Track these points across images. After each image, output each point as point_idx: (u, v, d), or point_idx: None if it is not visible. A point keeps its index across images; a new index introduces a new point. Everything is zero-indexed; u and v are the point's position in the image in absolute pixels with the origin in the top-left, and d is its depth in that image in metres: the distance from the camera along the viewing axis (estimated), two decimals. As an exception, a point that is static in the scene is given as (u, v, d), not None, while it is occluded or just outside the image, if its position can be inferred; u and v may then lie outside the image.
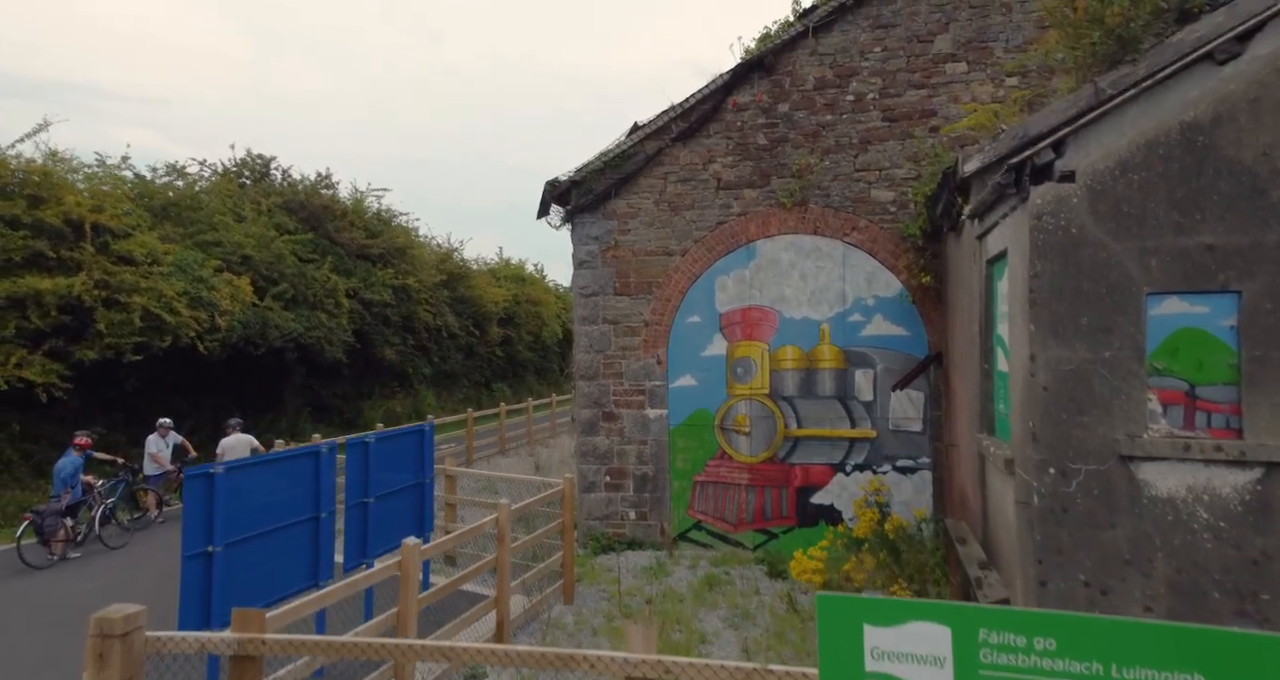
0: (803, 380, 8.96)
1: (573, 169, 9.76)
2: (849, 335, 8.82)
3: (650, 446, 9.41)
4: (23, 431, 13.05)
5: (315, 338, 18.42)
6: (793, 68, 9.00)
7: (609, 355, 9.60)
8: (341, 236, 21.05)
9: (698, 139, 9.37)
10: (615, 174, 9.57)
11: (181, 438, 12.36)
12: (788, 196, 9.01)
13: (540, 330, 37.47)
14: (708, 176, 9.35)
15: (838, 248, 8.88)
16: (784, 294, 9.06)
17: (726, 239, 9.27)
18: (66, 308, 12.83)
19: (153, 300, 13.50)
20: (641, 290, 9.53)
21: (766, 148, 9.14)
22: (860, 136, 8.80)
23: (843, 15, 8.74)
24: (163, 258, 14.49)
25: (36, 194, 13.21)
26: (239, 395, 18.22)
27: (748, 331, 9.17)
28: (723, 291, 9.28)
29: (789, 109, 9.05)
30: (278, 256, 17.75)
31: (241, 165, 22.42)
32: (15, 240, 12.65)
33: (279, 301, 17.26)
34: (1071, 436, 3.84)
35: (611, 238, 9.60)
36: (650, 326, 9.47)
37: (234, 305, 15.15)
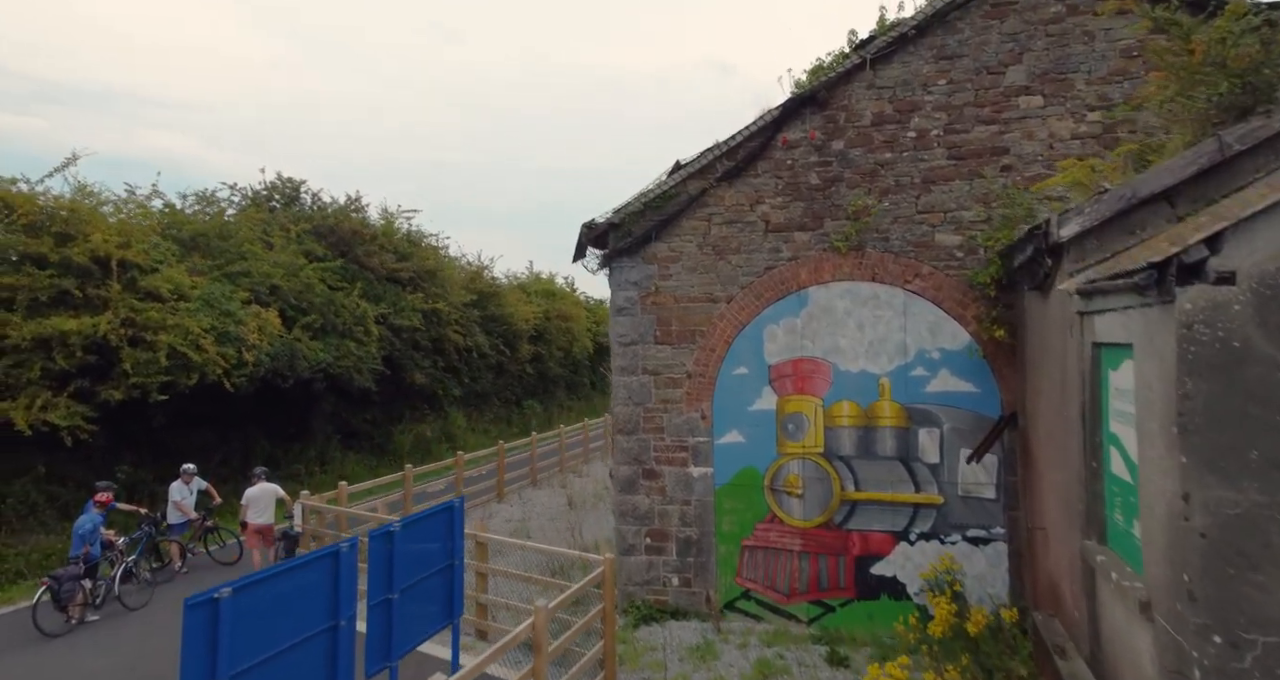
0: (861, 439, 8.26)
1: (610, 210, 9.19)
2: (912, 391, 8.09)
3: (694, 507, 8.77)
4: (48, 473, 12.84)
5: (344, 367, 18.10)
6: (848, 102, 8.33)
7: (649, 408, 8.99)
8: (371, 261, 20.77)
9: (745, 178, 8.74)
10: (656, 216, 8.98)
11: (206, 483, 12.03)
12: (843, 240, 8.33)
13: (571, 345, 37.07)
14: (755, 218, 8.71)
15: (898, 296, 8.17)
16: (839, 345, 8.37)
17: (776, 285, 8.61)
18: (92, 347, 12.59)
19: (178, 338, 13.22)
20: (684, 339, 8.91)
21: (819, 188, 8.47)
22: (923, 176, 8.09)
23: (903, 46, 8.05)
24: (189, 292, 14.23)
25: (64, 231, 13.02)
26: (267, 426, 17.97)
27: (799, 385, 8.50)
28: (772, 341, 8.62)
29: (844, 146, 8.38)
30: (306, 285, 17.47)
31: (272, 189, 22.30)
32: (42, 279, 12.46)
33: (307, 331, 16.96)
34: (1243, 598, 3.13)
35: (652, 283, 9.00)
36: (694, 378, 8.84)
37: (261, 339, 14.84)
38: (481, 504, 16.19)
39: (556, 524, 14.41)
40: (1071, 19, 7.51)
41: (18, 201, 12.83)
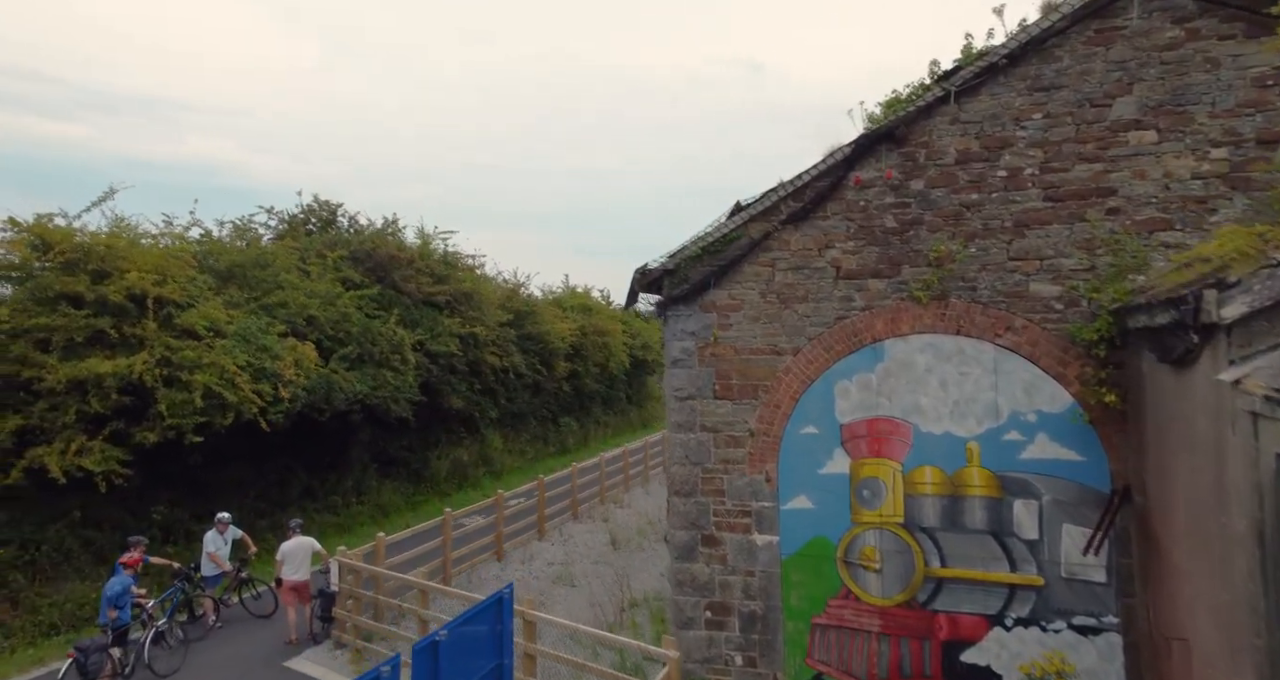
0: (946, 509, 7.46)
1: (665, 254, 8.54)
2: (1004, 457, 7.28)
3: (759, 579, 8.04)
4: (84, 517, 12.56)
5: (381, 397, 17.71)
6: (929, 138, 7.56)
7: (708, 469, 8.30)
8: (408, 285, 20.42)
9: (812, 221, 8.01)
10: (714, 261, 8.30)
11: (241, 533, 11.63)
12: (923, 289, 7.55)
13: (607, 360, 36.55)
14: (824, 264, 7.97)
15: (987, 351, 7.37)
16: (919, 404, 7.59)
17: (848, 337, 7.87)
18: (127, 388, 12.29)
19: (214, 377, 12.88)
20: (746, 394, 8.20)
21: (896, 231, 7.71)
22: (1015, 219, 7.28)
23: (992, 77, 7.26)
24: (225, 327, 13.92)
25: (101, 268, 12.78)
26: (304, 457, 17.66)
27: (875, 447, 7.73)
28: (844, 398, 7.87)
29: (924, 186, 7.61)
30: (343, 315, 17.13)
31: (309, 212, 22.14)
32: (79, 320, 12.21)
33: (344, 362, 16.60)
34: None
35: (710, 333, 8.31)
36: (757, 437, 8.12)
37: (298, 375, 14.47)
38: (522, 543, 15.62)
39: (601, 569, 13.77)
40: (1191, 44, 6.66)
41: (55, 238, 12.62)
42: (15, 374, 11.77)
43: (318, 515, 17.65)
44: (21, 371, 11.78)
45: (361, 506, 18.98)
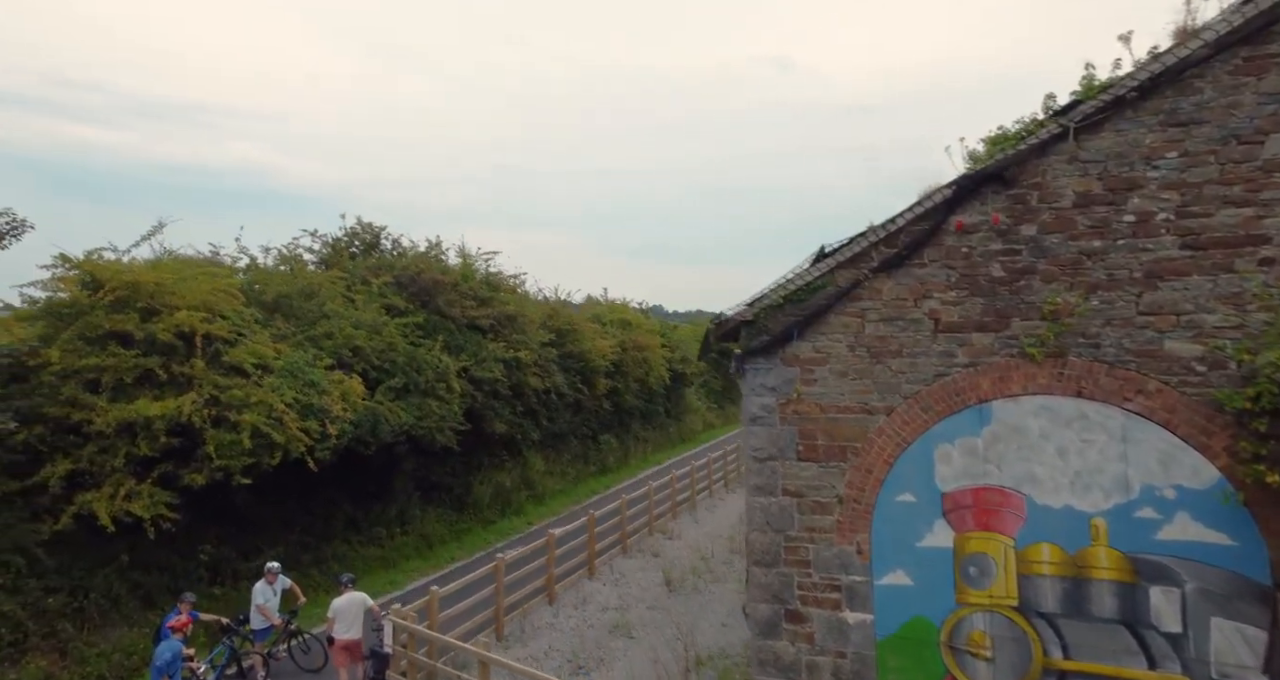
0: (1068, 593, 6.67)
1: (743, 302, 7.91)
2: (1138, 537, 6.47)
3: (851, 661, 7.33)
4: (131, 560, 12.31)
5: (426, 428, 17.33)
6: (1042, 179, 6.82)
7: (792, 537, 7.62)
8: (452, 310, 20.08)
9: (907, 269, 7.31)
10: (797, 311, 7.64)
11: (290, 582, 11.25)
12: (1037, 345, 6.79)
13: (646, 375, 35.99)
14: (921, 316, 7.26)
15: (1114, 417, 6.58)
16: (1034, 473, 6.82)
17: (949, 396, 7.13)
18: (175, 429, 12.02)
19: (261, 416, 12.56)
20: (833, 456, 7.51)
21: (1004, 281, 6.97)
22: (1146, 269, 6.50)
23: (1119, 111, 6.49)
24: (272, 363, 13.62)
25: (150, 306, 12.56)
26: (348, 489, 17.35)
27: (983, 519, 6.98)
28: (946, 464, 7.14)
29: (1037, 232, 6.86)
30: (389, 344, 16.80)
31: (352, 235, 21.97)
32: (128, 359, 11.99)
33: (389, 394, 16.24)
34: None
35: (793, 389, 7.64)
36: (847, 504, 7.42)
37: (344, 410, 14.11)
38: (573, 583, 15.04)
39: (658, 616, 13.13)
40: (1363, 73, 5.84)
41: (105, 275, 12.44)
42: (65, 416, 11.58)
43: (361, 548, 17.32)
44: (71, 414, 11.59)
45: (406, 538, 18.60)
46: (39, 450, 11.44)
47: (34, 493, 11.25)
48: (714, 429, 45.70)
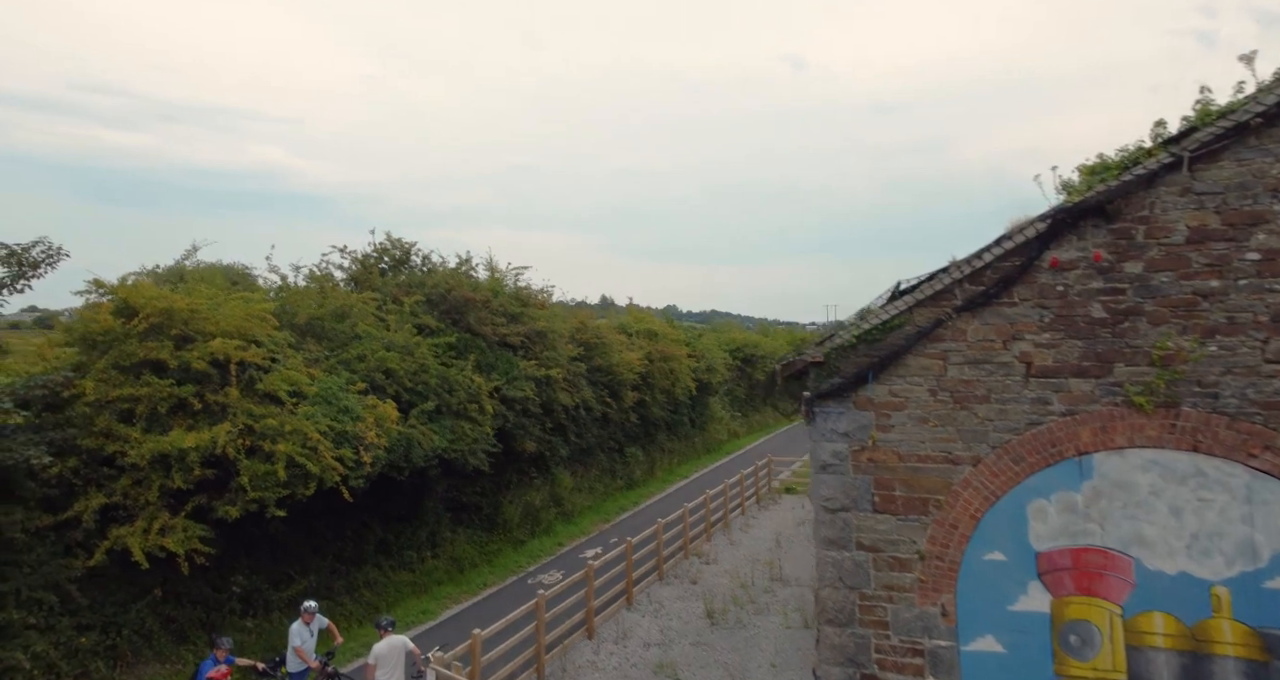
0: (1187, 669, 6.08)
1: (811, 343, 7.39)
2: (1268, 609, 5.88)
3: (935, 733, 6.77)
4: (164, 594, 12.01)
5: (459, 450, 16.96)
6: (1150, 213, 6.25)
7: (868, 595, 7.08)
8: (483, 328, 19.73)
9: (995, 308, 6.76)
10: (872, 351, 7.11)
11: (327, 622, 10.86)
12: (1145, 393, 6.22)
13: (673, 386, 35.54)
14: (1011, 359, 6.70)
15: (1237, 474, 5.99)
16: (1143, 534, 6.24)
17: (1044, 447, 6.57)
18: (210, 461, 11.71)
19: (296, 446, 12.22)
20: (913, 509, 6.97)
21: (1106, 323, 6.40)
22: (1274, 312, 5.91)
23: (1241, 139, 5.92)
24: (306, 389, 13.30)
25: (184, 333, 12.28)
26: (380, 512, 17.02)
27: (1085, 583, 6.41)
28: (1040, 521, 6.57)
29: (1144, 270, 6.29)
30: (421, 366, 16.45)
31: (381, 251, 21.70)
32: (162, 389, 11.70)
33: (422, 417, 15.88)
34: None
35: (868, 435, 7.12)
36: (929, 561, 6.88)
37: (379, 437, 13.75)
38: (612, 614, 14.55)
39: (703, 654, 12.59)
40: None
41: (139, 301, 12.18)
42: (99, 448, 11.32)
43: (393, 573, 16.98)
44: (105, 445, 11.33)
45: (436, 561, 18.24)
46: (72, 483, 11.19)
47: (67, 527, 10.99)
48: (738, 438, 45.07)
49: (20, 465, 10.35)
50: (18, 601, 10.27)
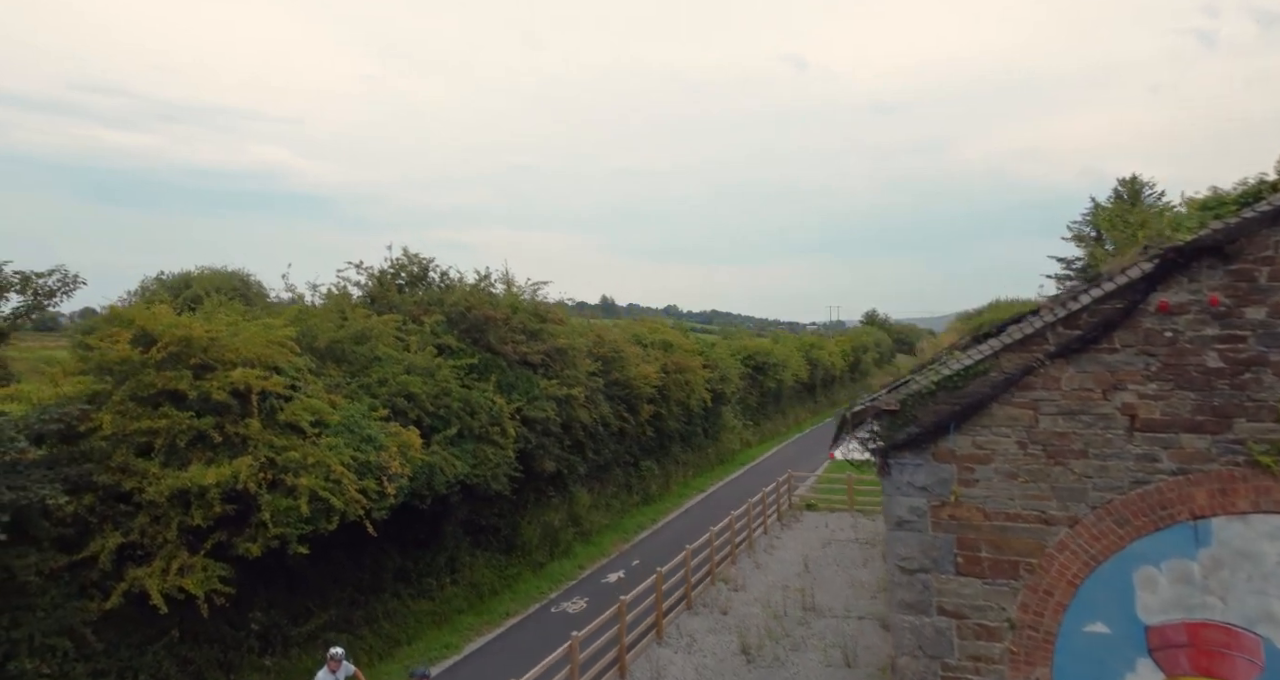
0: (1318, 761, 5.49)
1: (883, 389, 6.84)
2: None
3: None
4: (182, 634, 11.49)
5: (481, 475, 16.44)
6: (1276, 253, 5.67)
7: (951, 666, 6.51)
8: (503, 347, 19.21)
9: (1093, 354, 6.20)
10: (953, 400, 6.56)
11: (354, 669, 10.34)
12: (1272, 453, 5.64)
13: (688, 398, 35.07)
14: (1112, 411, 6.14)
15: (1377, 546, 5.40)
16: (1273, 611, 5.66)
17: (1152, 509, 6.00)
18: (230, 496, 11.21)
19: (319, 479, 11.71)
20: (1002, 572, 6.41)
21: (1224, 373, 5.84)
22: None
23: (1385, 173, 5.36)
24: (328, 417, 12.79)
25: (203, 362, 11.79)
26: (399, 540, 16.49)
27: (1203, 663, 5.83)
28: (1149, 591, 6.00)
29: (1267, 316, 5.73)
30: (443, 389, 15.93)
31: (398, 267, 21.23)
32: (181, 421, 11.20)
33: (445, 443, 15.37)
34: None
35: (949, 490, 6.56)
36: (1020, 631, 6.30)
37: (403, 467, 13.24)
38: (643, 650, 13.98)
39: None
40: None
41: (158, 329, 11.71)
42: (116, 485, 10.82)
43: (412, 602, 16.45)
44: (122, 481, 10.84)
45: (456, 588, 17.70)
46: (87, 521, 10.69)
47: (82, 567, 10.50)
48: (750, 448, 44.52)
49: (35, 505, 9.87)
50: (30, 649, 9.79)
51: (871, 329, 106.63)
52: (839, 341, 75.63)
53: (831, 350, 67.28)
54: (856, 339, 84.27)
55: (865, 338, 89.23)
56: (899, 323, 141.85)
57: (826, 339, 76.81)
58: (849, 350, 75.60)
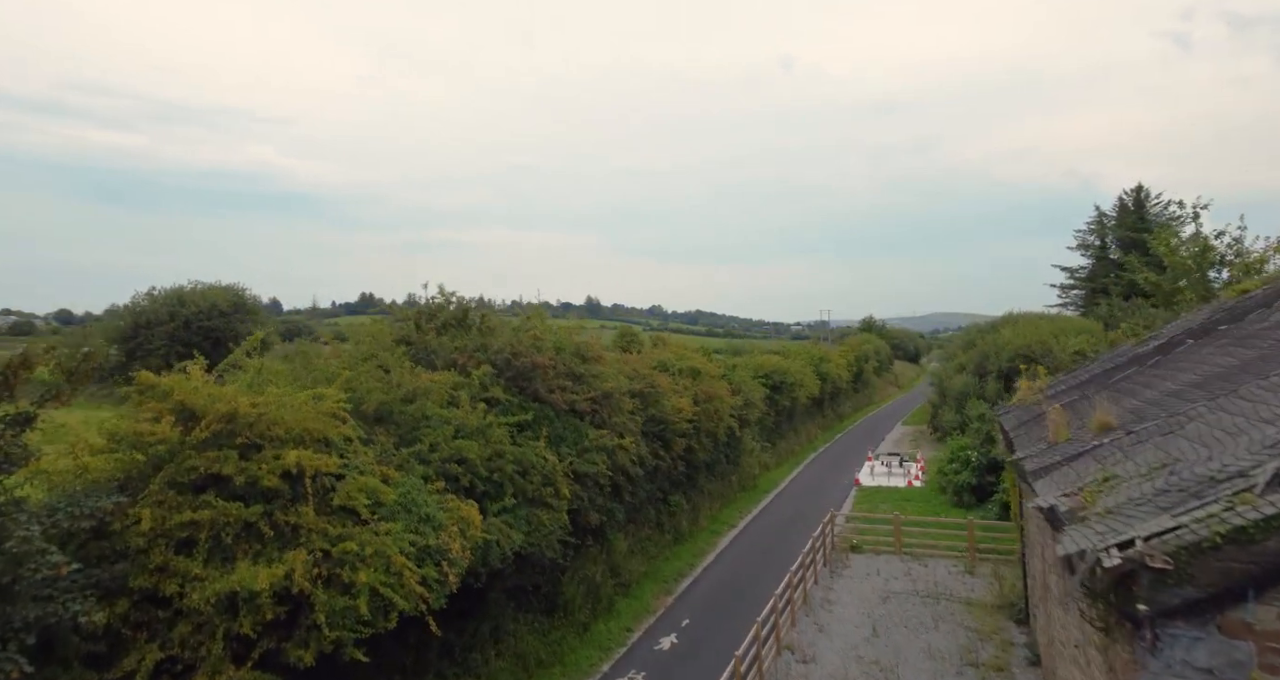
0: None
1: (1139, 535, 5.53)
2: None
3: None
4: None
5: (535, 543, 15.08)
6: None
7: None
8: (551, 396, 17.89)
9: None
10: (1248, 557, 5.26)
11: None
12: None
13: (715, 427, 33.92)
14: None
15: None
16: None
17: None
18: (282, 597, 9.82)
19: (380, 573, 10.34)
20: (1314, 782, 5.07)
21: None
22: None
23: None
24: (384, 495, 11.42)
25: (250, 440, 10.42)
26: (444, 614, 15.07)
27: None
28: None
29: None
30: (496, 451, 14.58)
31: (434, 310, 19.92)
32: (229, 512, 9.83)
33: (502, 515, 14.02)
34: None
35: (1244, 676, 5.23)
36: None
37: (463, 550, 11.86)
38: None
39: None
40: None
41: (199, 405, 10.34)
42: (154, 588, 9.43)
43: (457, 680, 15.05)
44: (161, 584, 9.44)
45: (501, 661, 16.30)
46: (120, 632, 9.28)
47: (114, 687, 9.08)
48: (769, 471, 43.26)
49: (65, 621, 8.45)
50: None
51: (870, 336, 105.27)
52: (843, 352, 74.41)
53: (837, 362, 66.17)
54: (858, 348, 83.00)
55: (866, 346, 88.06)
56: (887, 323, 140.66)
57: (831, 349, 75.53)
58: (852, 361, 74.48)
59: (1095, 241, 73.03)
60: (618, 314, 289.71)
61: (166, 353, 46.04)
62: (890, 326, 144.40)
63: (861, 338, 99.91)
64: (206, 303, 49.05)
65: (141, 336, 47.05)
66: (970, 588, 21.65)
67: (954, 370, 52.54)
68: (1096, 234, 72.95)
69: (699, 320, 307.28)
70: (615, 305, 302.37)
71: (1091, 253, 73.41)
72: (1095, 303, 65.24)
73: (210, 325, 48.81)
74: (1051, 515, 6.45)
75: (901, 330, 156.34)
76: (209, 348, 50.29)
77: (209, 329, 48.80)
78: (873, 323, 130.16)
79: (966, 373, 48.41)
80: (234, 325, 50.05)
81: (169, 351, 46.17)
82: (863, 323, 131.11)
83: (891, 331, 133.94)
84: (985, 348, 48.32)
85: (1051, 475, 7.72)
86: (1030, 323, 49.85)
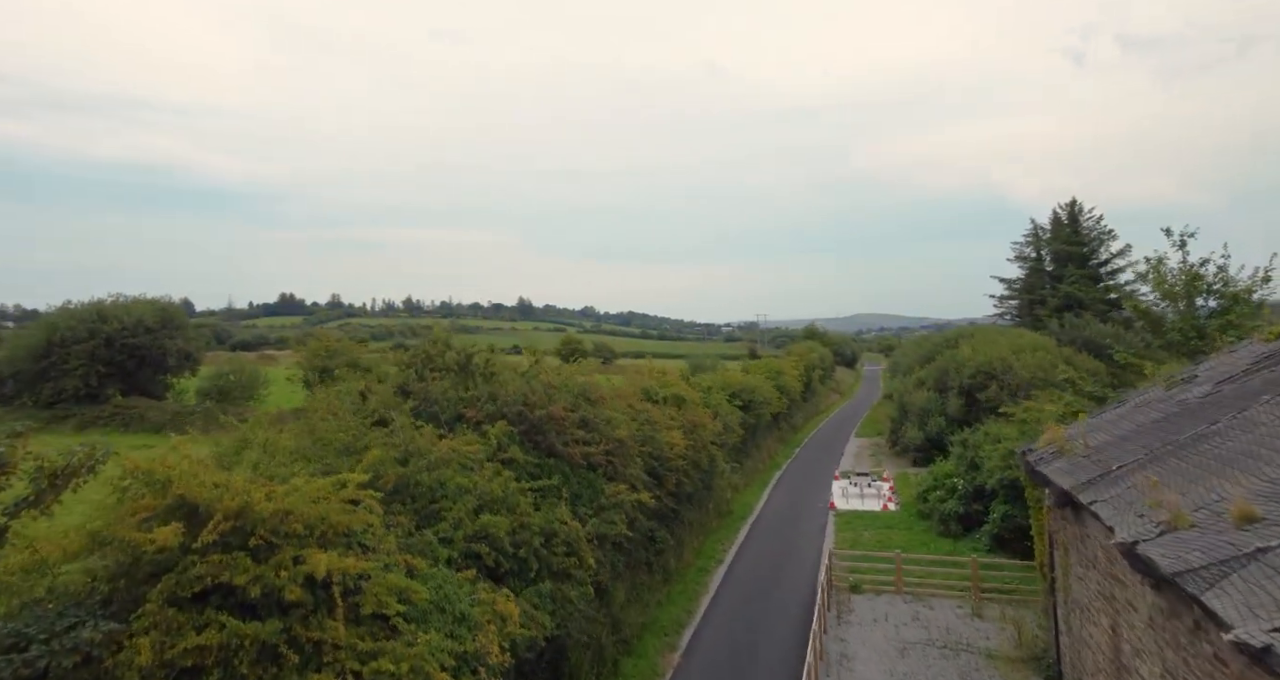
0: None
1: None
2: None
3: None
4: None
5: (563, 627, 13.73)
6: None
7: None
8: (567, 450, 16.56)
9: None
10: None
11: None
12: None
13: (700, 457, 32.99)
14: None
15: None
16: None
17: None
18: (307, 734, 8.29)
19: (418, 693, 8.89)
20: None
21: None
22: None
23: None
24: (415, 596, 9.96)
25: (265, 540, 8.86)
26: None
27: None
28: None
29: None
30: (521, 523, 13.19)
31: (430, 356, 18.39)
32: (242, 633, 8.25)
33: (532, 596, 12.64)
34: None
35: None
36: None
37: (503, 653, 10.46)
38: None
39: None
40: None
41: (204, 499, 8.73)
42: (152, 737, 7.77)
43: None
44: (161, 732, 7.80)
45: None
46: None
47: None
48: (739, 492, 42.32)
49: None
50: None
51: (815, 344, 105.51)
52: (793, 363, 74.09)
53: (791, 373, 65.81)
54: (806, 357, 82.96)
55: (812, 354, 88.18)
56: (815, 323, 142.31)
57: (784, 361, 75.05)
58: (803, 371, 74.34)
59: (1031, 254, 75.08)
60: (550, 315, 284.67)
61: (86, 373, 42.47)
62: (830, 332, 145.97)
63: (807, 345, 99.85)
64: (131, 318, 45.50)
65: (56, 355, 43.21)
66: (984, 634, 21.02)
67: (913, 385, 52.51)
68: (1032, 246, 75.02)
69: (632, 321, 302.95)
70: (547, 306, 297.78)
71: (1028, 264, 75.44)
72: (1034, 314, 66.85)
73: (135, 343, 45.37)
74: (1265, 656, 5.52)
75: (839, 335, 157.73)
76: (133, 367, 46.73)
77: (133, 346, 45.38)
78: (815, 330, 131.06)
79: (927, 388, 48.43)
80: (161, 342, 46.74)
81: (88, 371, 42.62)
82: (805, 330, 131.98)
83: (831, 338, 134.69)
84: (945, 363, 48.49)
85: (1221, 585, 6.81)
86: (987, 338, 50.36)
